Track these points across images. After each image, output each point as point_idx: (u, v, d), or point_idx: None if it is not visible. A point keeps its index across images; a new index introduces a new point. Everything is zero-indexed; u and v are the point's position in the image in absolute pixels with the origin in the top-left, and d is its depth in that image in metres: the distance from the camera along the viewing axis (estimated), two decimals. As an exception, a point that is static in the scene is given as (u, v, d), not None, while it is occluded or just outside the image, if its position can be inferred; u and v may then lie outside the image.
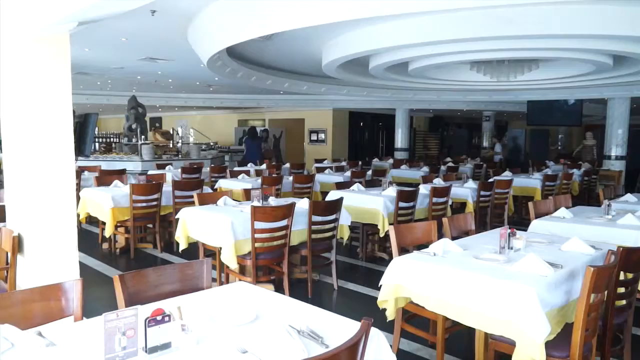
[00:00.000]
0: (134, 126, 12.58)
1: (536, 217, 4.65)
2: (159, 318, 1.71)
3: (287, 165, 11.43)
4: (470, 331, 2.98)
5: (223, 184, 7.96)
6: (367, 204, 5.97)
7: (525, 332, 2.45)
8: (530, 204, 4.86)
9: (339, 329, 1.94)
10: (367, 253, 6.31)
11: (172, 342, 1.74)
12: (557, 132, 22.99)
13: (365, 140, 20.72)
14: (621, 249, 2.83)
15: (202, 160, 12.10)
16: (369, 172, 9.86)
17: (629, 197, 6.06)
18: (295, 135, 19.66)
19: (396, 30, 6.11)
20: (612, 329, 3.01)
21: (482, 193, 7.21)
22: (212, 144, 17.37)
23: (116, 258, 6.25)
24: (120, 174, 7.77)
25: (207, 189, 6.95)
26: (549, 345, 2.51)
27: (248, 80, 10.13)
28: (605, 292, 2.83)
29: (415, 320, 3.54)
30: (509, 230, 3.19)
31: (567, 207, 5.00)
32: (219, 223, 4.40)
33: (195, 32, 6.72)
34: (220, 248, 4.40)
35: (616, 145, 12.69)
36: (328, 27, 6.38)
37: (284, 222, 4.46)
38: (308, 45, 7.70)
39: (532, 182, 9.04)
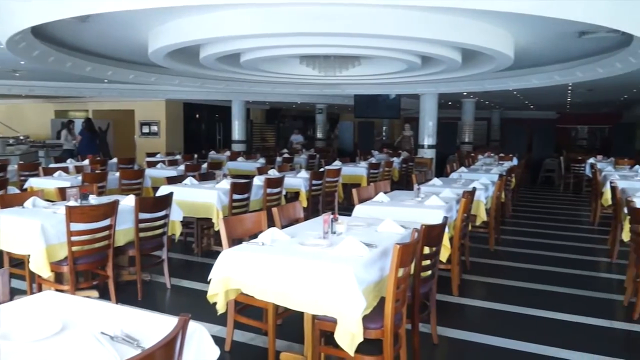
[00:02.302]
0: None
1: (359, 203, 5.04)
2: None
3: (115, 160, 10.59)
4: (303, 315, 3.11)
5: (34, 183, 7.05)
6: (201, 197, 5.84)
7: (344, 309, 2.63)
8: (354, 190, 5.23)
9: (159, 329, 1.85)
10: (202, 248, 6.18)
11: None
12: (381, 124, 25.25)
13: (202, 132, 20.21)
14: (424, 226, 3.22)
15: (8, 157, 10.56)
16: (205, 165, 9.64)
17: (435, 181, 6.92)
18: (124, 127, 18.28)
19: (225, 20, 6.02)
20: (420, 297, 3.42)
21: (314, 182, 7.56)
22: (21, 137, 15.27)
23: None
24: None
25: (13, 189, 6.08)
26: (365, 319, 2.74)
27: (63, 66, 9.06)
28: (412, 266, 3.19)
29: (248, 311, 3.58)
30: (331, 216, 3.39)
31: (385, 192, 5.50)
32: (26, 227, 3.89)
33: (-10, 7, 5.78)
34: (29, 255, 3.88)
35: (428, 136, 14.37)
36: (153, 12, 6.01)
37: (106, 222, 4.12)
38: (132, 31, 7.17)
39: (358, 170, 9.79)
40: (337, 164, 10.20)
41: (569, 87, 13.96)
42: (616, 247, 6.10)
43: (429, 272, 3.50)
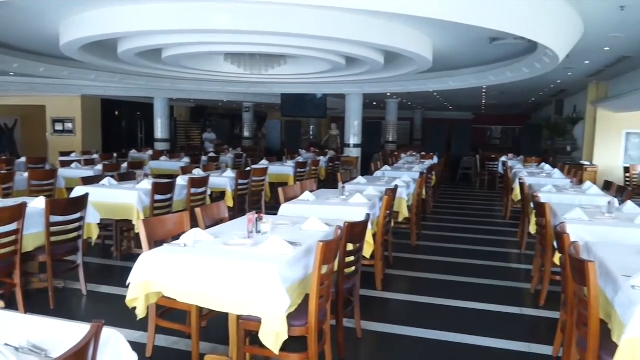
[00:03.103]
0: None
1: (286, 202, 5.04)
2: None
3: (23, 159, 9.84)
4: (227, 316, 3.06)
5: None
6: (120, 199, 5.58)
7: (269, 308, 2.63)
8: (280, 189, 5.24)
9: (70, 337, 1.74)
10: (122, 252, 5.91)
11: None
12: (309, 123, 25.44)
13: (122, 130, 19.30)
14: (347, 224, 3.28)
15: None
16: (125, 165, 9.22)
17: (360, 179, 7.09)
18: (34, 124, 17.03)
19: (146, 14, 5.79)
20: (344, 293, 3.49)
21: (240, 181, 7.47)
22: None
23: None
24: None
25: None
26: (290, 316, 2.75)
27: (-41, 55, 8.32)
28: (336, 262, 3.25)
29: (170, 314, 3.48)
30: (256, 216, 3.37)
31: (311, 191, 5.56)
32: None
33: None
34: None
35: (354, 135, 14.68)
36: (64, 1, 5.67)
37: (12, 226, 3.82)
38: (42, 21, 6.70)
39: (285, 169, 9.80)
40: (264, 163, 10.15)
41: (483, 90, 14.85)
42: (524, 239, 6.57)
43: (353, 269, 3.58)
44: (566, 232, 3.17)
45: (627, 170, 11.35)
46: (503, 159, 13.58)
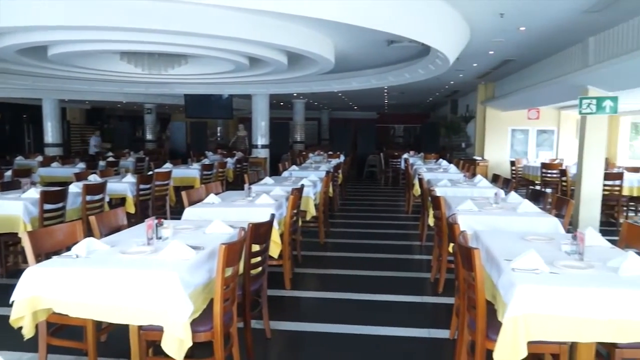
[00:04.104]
0: None
1: (190, 205, 4.90)
2: None
3: None
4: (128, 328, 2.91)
5: None
6: (3, 210, 5.09)
7: (170, 315, 2.54)
8: (183, 193, 5.07)
9: None
10: (7, 267, 5.39)
11: None
12: (216, 124, 24.91)
13: (6, 135, 17.60)
14: (251, 225, 3.26)
15: None
16: (9, 173, 8.41)
17: (267, 179, 7.08)
18: None
19: (27, 7, 5.32)
20: (251, 295, 3.46)
21: (142, 186, 7.14)
22: None
23: None
24: None
25: None
26: (195, 322, 2.68)
27: None
28: (242, 264, 3.22)
29: (65, 331, 3.23)
30: (155, 221, 3.24)
31: (217, 193, 5.45)
32: None
33: None
34: None
35: (261, 136, 14.61)
36: None
37: None
38: None
39: (191, 172, 9.52)
40: (167, 166, 9.77)
41: (385, 90, 15.50)
42: (424, 231, 6.95)
43: (260, 269, 3.56)
44: (457, 223, 3.40)
45: (512, 163, 12.45)
46: (405, 156, 14.26)
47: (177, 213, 7.76)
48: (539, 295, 2.39)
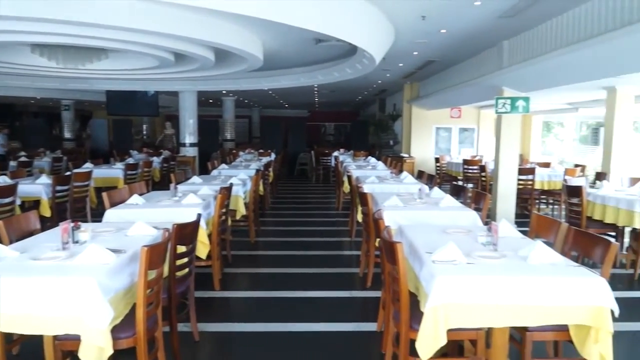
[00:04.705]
0: None
1: (111, 207, 4.68)
2: None
3: None
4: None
5: None
6: None
7: (89, 323, 2.41)
8: (104, 194, 4.83)
9: None
10: None
11: None
12: (141, 121, 23.92)
13: None
14: (175, 225, 3.17)
15: None
16: None
17: (195, 179, 6.91)
18: None
19: None
20: (177, 297, 3.37)
21: (59, 188, 6.71)
22: None
23: None
24: None
25: None
26: (116, 329, 2.57)
27: None
28: (166, 266, 3.12)
29: (-32, 347, 2.98)
30: (71, 224, 3.07)
31: (141, 194, 5.25)
32: None
33: None
34: None
35: (189, 134, 14.23)
36: None
37: None
38: None
39: (114, 172, 9.09)
40: (88, 166, 9.26)
41: (315, 88, 15.61)
42: (354, 227, 7.09)
43: (186, 271, 3.47)
44: (382, 218, 3.50)
45: (437, 160, 13.00)
46: (335, 154, 14.45)
47: (99, 215, 7.35)
48: (456, 285, 2.51)
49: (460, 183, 10.26)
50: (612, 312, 2.53)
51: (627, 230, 6.07)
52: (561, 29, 6.07)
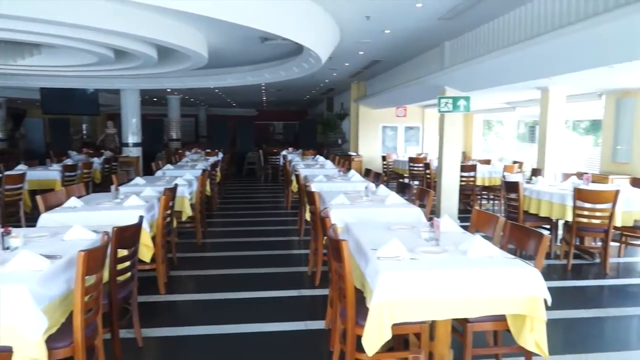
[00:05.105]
0: None
1: (47, 211, 4.46)
2: None
3: None
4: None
5: None
6: None
7: (22, 333, 2.29)
8: (38, 197, 4.59)
9: None
10: None
11: None
12: (81, 121, 22.90)
13: None
14: (115, 229, 3.06)
15: None
16: None
17: (138, 180, 6.69)
18: None
19: None
20: (118, 303, 3.25)
21: (-11, 191, 6.33)
22: None
23: None
24: None
25: None
26: (52, 338, 2.45)
27: None
28: (106, 271, 3.00)
29: None
30: (1, 230, 2.89)
31: (79, 196, 5.03)
32: None
33: None
34: None
35: (132, 133, 13.77)
36: None
37: None
38: None
39: (50, 174, 8.66)
40: (21, 168, 8.76)
41: (262, 87, 15.52)
42: (302, 226, 7.11)
43: (128, 275, 3.36)
44: (328, 217, 3.52)
45: (384, 158, 13.24)
46: (284, 152, 14.42)
47: (34, 220, 6.99)
48: (400, 280, 2.57)
49: (406, 181, 10.52)
50: (546, 302, 2.67)
51: (561, 222, 6.43)
52: (498, 31, 6.33)
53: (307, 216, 6.00)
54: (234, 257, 6.25)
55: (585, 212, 5.54)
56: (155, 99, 19.27)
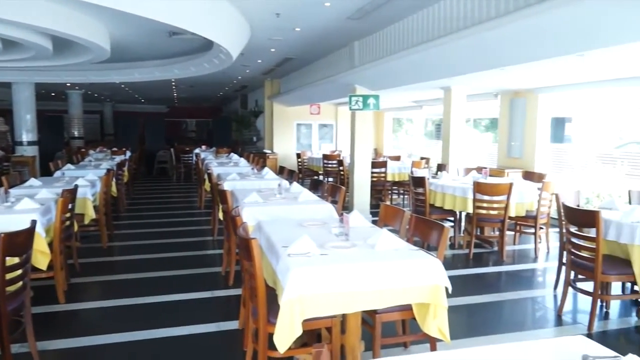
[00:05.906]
0: None
1: None
2: None
3: None
4: None
5: None
6: None
7: None
8: None
9: None
10: None
11: None
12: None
13: None
14: (4, 235, 2.80)
15: None
16: None
17: (33, 181, 6.17)
18: None
19: None
20: (9, 315, 2.98)
21: None
22: None
23: None
24: None
25: None
26: None
27: None
28: (-7, 283, 2.74)
29: None
30: None
31: (-38, 200, 4.54)
32: None
33: None
34: None
35: (27, 131, 12.67)
36: None
37: None
38: None
39: None
40: None
41: (173, 83, 14.97)
42: (216, 226, 6.96)
43: (19, 284, 3.09)
44: (238, 215, 3.48)
45: (299, 156, 13.32)
46: (196, 150, 14.03)
47: None
48: (310, 276, 2.59)
49: (321, 177, 10.67)
50: (447, 289, 2.83)
51: (464, 214, 6.86)
52: (403, 33, 6.60)
53: (220, 215, 5.89)
54: (143, 260, 5.98)
55: (484, 204, 5.95)
56: (53, 94, 17.90)
